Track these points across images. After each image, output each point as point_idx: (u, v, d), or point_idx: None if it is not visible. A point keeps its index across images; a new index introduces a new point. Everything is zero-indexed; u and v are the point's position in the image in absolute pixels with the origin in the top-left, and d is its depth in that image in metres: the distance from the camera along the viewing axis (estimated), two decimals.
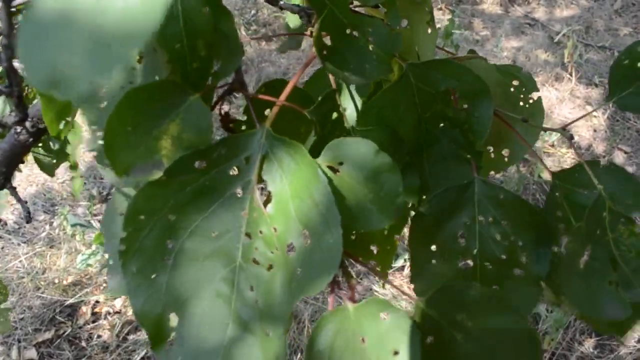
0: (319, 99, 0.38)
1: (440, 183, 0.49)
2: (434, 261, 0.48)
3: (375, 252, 0.52)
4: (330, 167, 0.36)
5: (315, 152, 0.42)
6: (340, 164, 0.36)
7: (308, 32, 0.52)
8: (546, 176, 2.04)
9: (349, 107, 0.52)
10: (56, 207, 2.14)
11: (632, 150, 2.19)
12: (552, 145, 2.15)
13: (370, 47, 0.45)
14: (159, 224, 0.37)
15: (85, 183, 2.22)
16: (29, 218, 0.68)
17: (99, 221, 2.09)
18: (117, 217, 0.44)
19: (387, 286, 1.74)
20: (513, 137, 0.56)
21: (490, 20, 2.89)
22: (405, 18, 0.49)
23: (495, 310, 0.34)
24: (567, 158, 2.08)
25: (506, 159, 0.58)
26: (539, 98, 0.58)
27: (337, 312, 0.33)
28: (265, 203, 0.36)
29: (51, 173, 0.79)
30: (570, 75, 2.49)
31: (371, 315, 0.33)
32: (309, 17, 0.61)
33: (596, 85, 2.44)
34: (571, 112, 2.31)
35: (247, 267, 0.37)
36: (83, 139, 0.59)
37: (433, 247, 0.48)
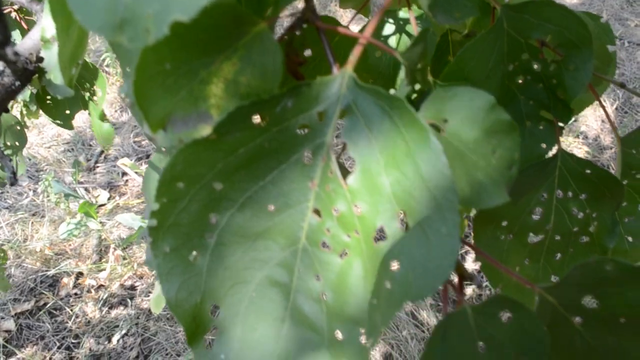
0: (414, 39, 0.29)
1: None
2: (502, 237, 0.45)
3: None
4: (432, 126, 0.28)
5: None
6: (445, 121, 0.28)
7: None
8: None
9: None
10: (41, 173, 2.03)
11: None
12: None
13: None
14: (201, 193, 0.29)
15: (72, 149, 2.11)
16: (13, 179, 0.59)
17: (86, 189, 2.00)
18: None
19: None
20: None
21: None
22: None
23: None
24: (573, 147, 2.02)
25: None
26: (614, 52, 0.55)
27: (456, 317, 0.25)
28: (345, 173, 0.28)
29: (69, 125, 0.68)
30: None
31: (492, 316, 0.26)
32: None
33: None
34: None
35: (314, 251, 0.29)
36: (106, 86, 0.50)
37: (504, 223, 0.45)
